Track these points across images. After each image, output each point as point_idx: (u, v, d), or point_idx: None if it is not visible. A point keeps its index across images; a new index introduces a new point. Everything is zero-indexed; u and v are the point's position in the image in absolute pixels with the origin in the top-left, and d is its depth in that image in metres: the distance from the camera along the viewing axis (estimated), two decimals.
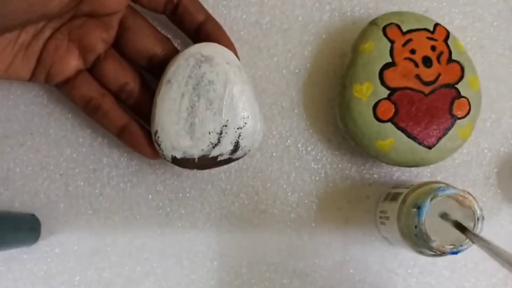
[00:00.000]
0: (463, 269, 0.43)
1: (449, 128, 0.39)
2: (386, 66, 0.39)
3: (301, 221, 0.43)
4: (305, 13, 0.44)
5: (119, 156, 0.43)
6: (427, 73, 0.39)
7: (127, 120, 0.39)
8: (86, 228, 0.43)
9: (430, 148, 0.39)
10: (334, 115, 0.43)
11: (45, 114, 0.43)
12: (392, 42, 0.39)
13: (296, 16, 0.44)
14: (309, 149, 0.44)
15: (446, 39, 0.40)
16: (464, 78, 0.39)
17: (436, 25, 0.40)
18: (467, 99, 0.39)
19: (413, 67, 0.39)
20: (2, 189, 0.43)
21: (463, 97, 0.39)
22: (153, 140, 0.38)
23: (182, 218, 0.43)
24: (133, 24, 0.39)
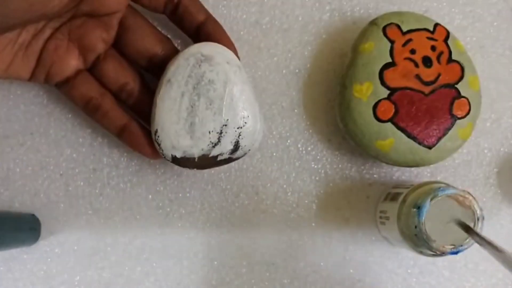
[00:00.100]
0: (463, 269, 0.43)
1: (449, 128, 0.39)
2: (386, 66, 0.39)
3: (301, 221, 0.43)
4: (305, 13, 0.44)
5: (119, 156, 0.43)
6: (427, 73, 0.39)
7: (127, 120, 0.39)
8: (86, 228, 0.43)
9: (430, 148, 0.39)
10: (334, 115, 0.43)
11: (45, 114, 0.43)
12: (392, 42, 0.39)
13: (296, 16, 0.44)
14: (309, 149, 0.44)
15: (446, 39, 0.40)
16: (464, 78, 0.39)
17: (436, 25, 0.40)
18: (467, 99, 0.39)
19: (413, 67, 0.39)
20: (2, 189, 0.43)
21: (463, 97, 0.39)
22: (153, 139, 0.38)
23: (182, 218, 0.43)
24: (133, 24, 0.39)
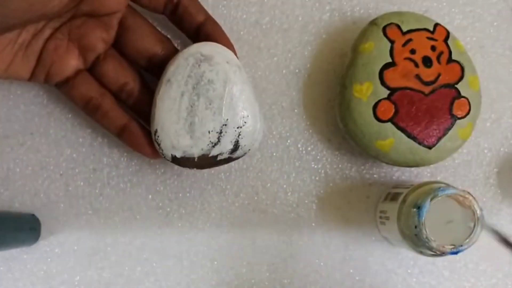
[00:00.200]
0: (463, 269, 0.43)
1: (449, 128, 0.39)
2: (386, 66, 0.39)
3: (301, 221, 0.43)
4: (305, 13, 0.44)
5: (119, 156, 0.43)
6: (427, 73, 0.39)
7: (127, 120, 0.39)
8: (86, 228, 0.43)
9: (430, 148, 0.39)
10: (334, 115, 0.43)
11: (45, 114, 0.43)
12: (392, 42, 0.39)
13: (296, 16, 0.44)
14: (309, 149, 0.44)
15: (446, 39, 0.40)
16: (464, 78, 0.39)
17: (436, 25, 0.40)
18: (467, 99, 0.39)
19: (413, 67, 0.39)
20: (2, 189, 0.43)
21: (463, 97, 0.39)
22: (153, 139, 0.38)
23: (182, 218, 0.43)
24: (133, 24, 0.39)
